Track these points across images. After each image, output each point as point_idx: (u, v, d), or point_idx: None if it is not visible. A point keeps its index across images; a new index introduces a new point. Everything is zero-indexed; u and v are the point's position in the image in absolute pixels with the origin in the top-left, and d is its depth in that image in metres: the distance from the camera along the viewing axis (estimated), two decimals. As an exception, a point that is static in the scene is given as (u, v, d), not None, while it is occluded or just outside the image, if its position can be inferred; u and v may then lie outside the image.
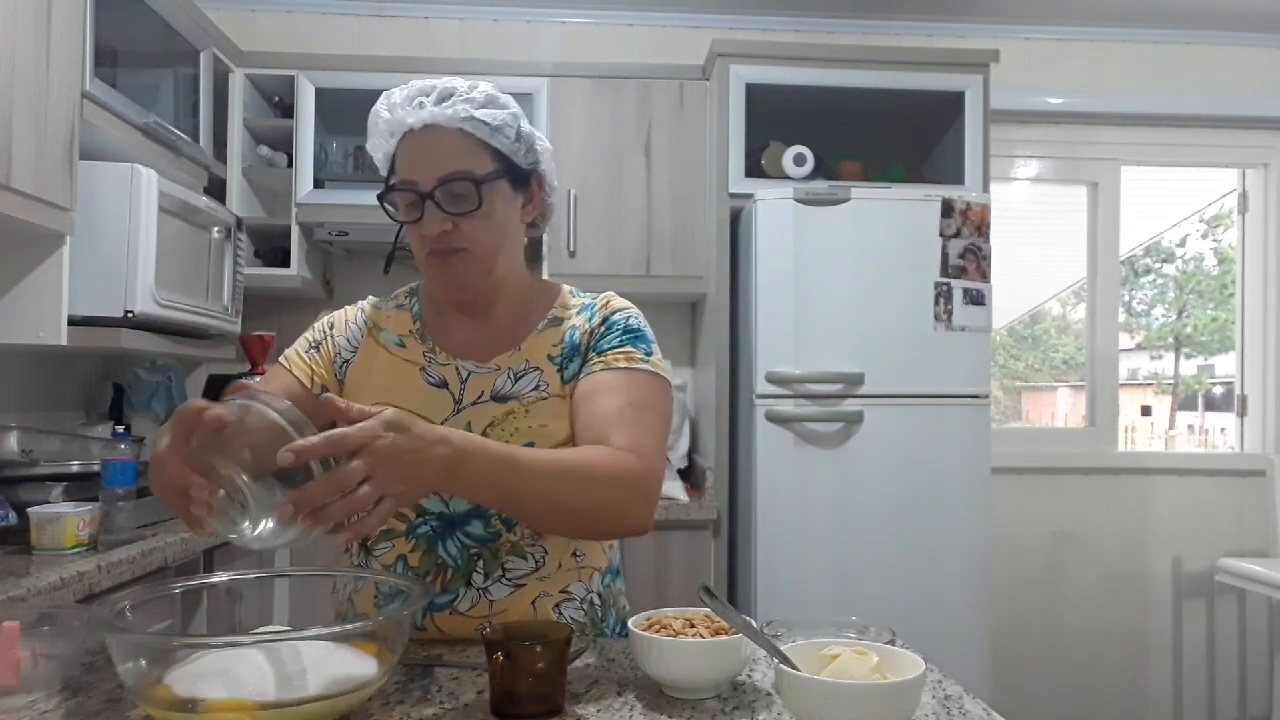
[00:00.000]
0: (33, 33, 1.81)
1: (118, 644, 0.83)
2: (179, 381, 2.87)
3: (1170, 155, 3.50)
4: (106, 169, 2.10)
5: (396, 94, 1.16)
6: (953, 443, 2.58)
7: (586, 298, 1.28)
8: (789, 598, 2.47)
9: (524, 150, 1.18)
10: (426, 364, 1.21)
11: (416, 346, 1.23)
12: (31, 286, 1.94)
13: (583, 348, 1.21)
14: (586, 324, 1.22)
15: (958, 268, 2.60)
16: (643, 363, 1.18)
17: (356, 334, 1.26)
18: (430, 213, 1.13)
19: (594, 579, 1.22)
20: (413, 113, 1.13)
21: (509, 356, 1.20)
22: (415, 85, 1.16)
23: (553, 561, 1.17)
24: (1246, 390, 3.54)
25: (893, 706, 0.81)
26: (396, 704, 0.92)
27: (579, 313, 1.24)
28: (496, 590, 1.15)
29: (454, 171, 1.12)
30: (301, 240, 2.87)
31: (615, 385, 1.15)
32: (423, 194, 1.13)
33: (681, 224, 2.90)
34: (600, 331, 1.21)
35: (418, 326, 1.25)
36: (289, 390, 1.21)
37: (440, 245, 1.14)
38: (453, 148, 1.13)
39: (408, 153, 1.15)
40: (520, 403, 1.17)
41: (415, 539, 1.16)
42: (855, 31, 3.32)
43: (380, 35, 3.21)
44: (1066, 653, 3.35)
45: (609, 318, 1.22)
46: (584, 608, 1.20)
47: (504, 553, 1.15)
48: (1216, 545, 3.37)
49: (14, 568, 1.59)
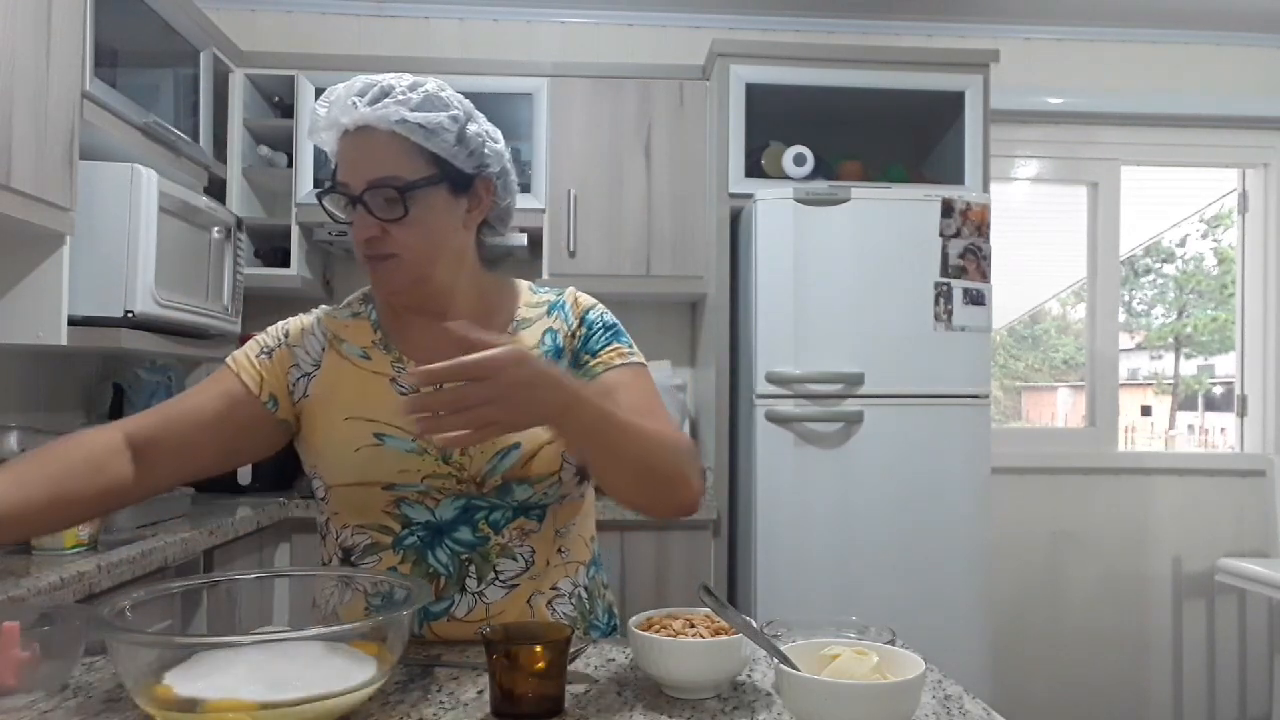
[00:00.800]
0: (33, 33, 1.81)
1: (118, 644, 0.83)
2: (179, 381, 2.87)
3: (1170, 155, 3.50)
4: (106, 169, 2.10)
5: (338, 90, 1.13)
6: (953, 443, 2.58)
7: (549, 294, 1.27)
8: (789, 598, 2.47)
9: (465, 153, 1.13)
10: (396, 374, 1.18)
11: (382, 357, 1.20)
12: (31, 286, 1.94)
13: (566, 350, 1.21)
14: (565, 325, 1.22)
15: (958, 268, 2.60)
16: (632, 356, 1.22)
17: (317, 347, 1.21)
18: (359, 217, 1.10)
19: (579, 573, 1.23)
20: (347, 111, 1.10)
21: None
22: (356, 82, 1.12)
23: (541, 560, 1.17)
24: (1246, 390, 3.54)
25: (893, 706, 0.81)
26: (396, 704, 0.92)
27: (549, 312, 1.24)
28: (491, 593, 1.14)
29: (380, 177, 1.09)
30: (301, 240, 2.87)
31: (622, 382, 1.18)
32: (353, 197, 1.10)
33: (681, 224, 2.90)
34: (582, 333, 1.22)
35: (379, 336, 1.21)
36: (229, 394, 1.17)
37: (371, 251, 1.12)
38: (383, 151, 1.09)
39: (342, 152, 1.12)
40: None
41: (403, 550, 1.15)
42: (855, 31, 3.32)
43: (380, 35, 3.21)
44: (1066, 653, 3.35)
45: (585, 317, 1.23)
46: (573, 602, 1.21)
47: (494, 555, 1.15)
48: (1216, 545, 3.37)
49: (14, 568, 1.59)
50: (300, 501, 2.60)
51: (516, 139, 2.88)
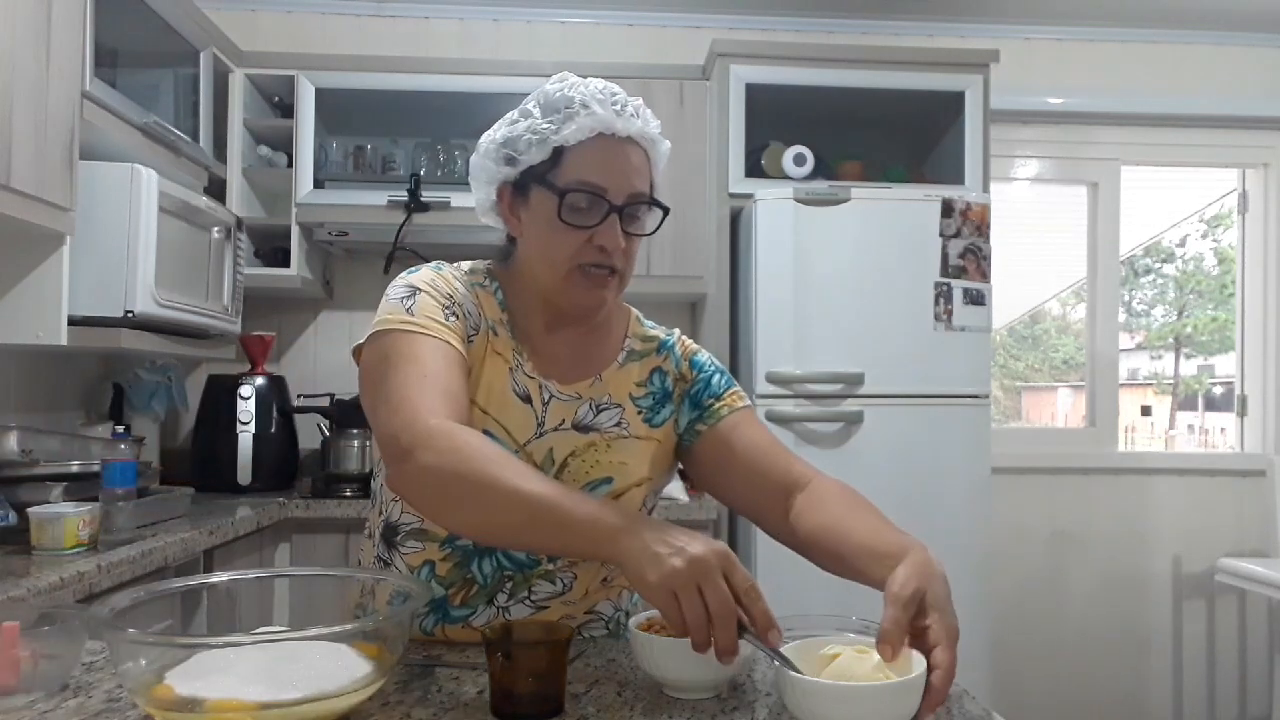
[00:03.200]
0: (33, 33, 1.81)
1: (118, 644, 0.83)
2: (179, 381, 2.87)
3: (1170, 155, 3.50)
4: (106, 169, 2.10)
5: (585, 87, 1.09)
6: (953, 443, 2.58)
7: (659, 331, 1.27)
8: (789, 598, 2.46)
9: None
10: (515, 367, 1.13)
11: (507, 340, 1.14)
12: (31, 286, 1.94)
13: (675, 395, 1.22)
14: (674, 369, 1.23)
15: (958, 268, 2.60)
16: (747, 400, 1.24)
17: (473, 310, 1.12)
18: (612, 226, 1.08)
19: (622, 596, 1.21)
20: (624, 120, 1.09)
21: (590, 385, 1.17)
22: (599, 84, 1.10)
23: (580, 587, 1.15)
24: (1246, 390, 3.54)
25: (896, 706, 0.81)
26: (396, 704, 0.92)
27: (658, 351, 1.24)
28: (516, 610, 1.12)
29: (643, 192, 1.11)
30: (301, 240, 2.87)
31: (746, 421, 1.21)
32: (613, 205, 1.08)
33: (681, 224, 2.90)
34: (695, 377, 1.22)
35: (506, 317, 1.15)
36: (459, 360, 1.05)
37: (602, 260, 1.09)
38: (641, 165, 1.11)
39: (601, 156, 1.08)
40: (601, 435, 1.15)
41: (451, 549, 1.12)
42: (855, 31, 3.32)
43: (380, 35, 3.21)
44: (1066, 653, 3.35)
45: (694, 360, 1.24)
46: (610, 627, 1.19)
47: (536, 577, 1.13)
48: (1216, 545, 3.37)
49: (14, 568, 1.59)
50: (300, 501, 2.60)
51: (516, 139, 2.87)
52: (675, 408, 1.21)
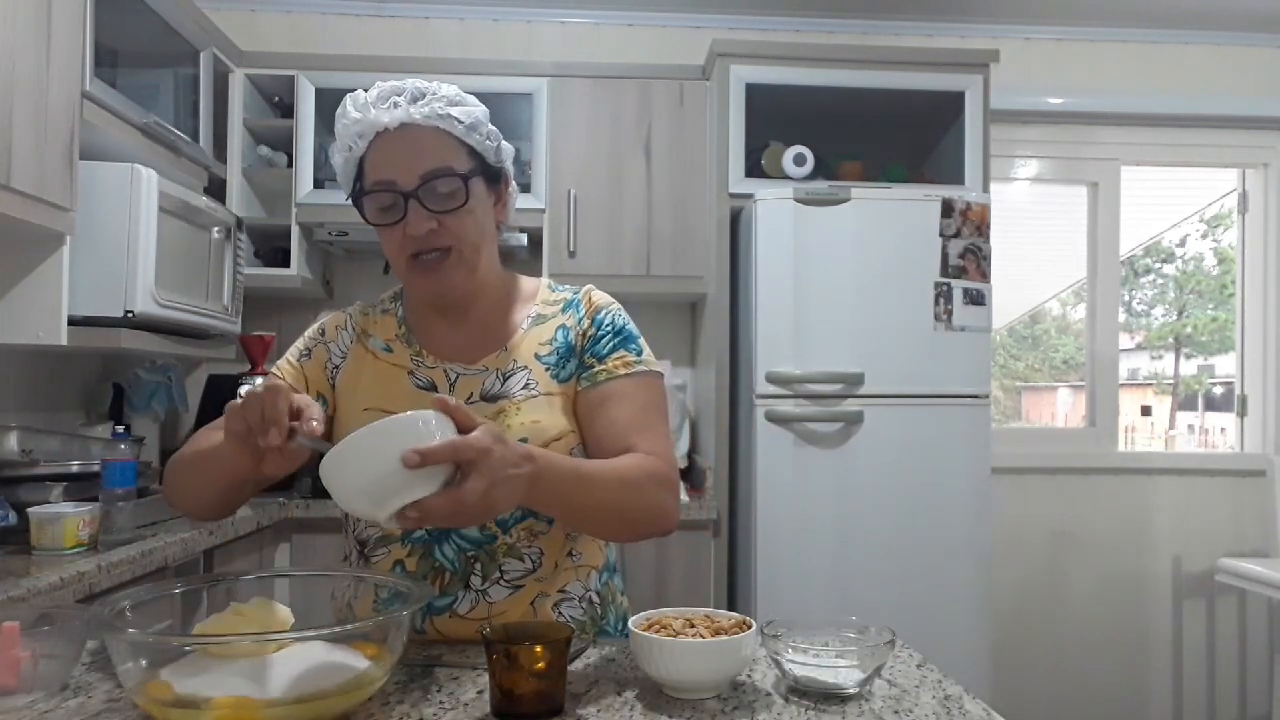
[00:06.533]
0: (33, 33, 1.81)
1: (118, 644, 0.83)
2: (179, 381, 2.87)
3: (1170, 155, 3.50)
4: (106, 169, 2.10)
5: (363, 95, 1.14)
6: (953, 443, 2.58)
7: (566, 291, 1.28)
8: (789, 598, 2.47)
9: (494, 149, 1.18)
10: (414, 367, 1.21)
11: (403, 350, 1.23)
12: (31, 286, 1.94)
13: (577, 349, 1.21)
14: (576, 323, 1.23)
15: (958, 268, 2.60)
16: (639, 364, 1.21)
17: (346, 340, 1.26)
18: (414, 212, 1.11)
19: (591, 577, 1.22)
20: (387, 112, 1.11)
21: (496, 357, 1.21)
22: (384, 86, 1.14)
23: (549, 562, 1.17)
24: (1246, 390, 3.54)
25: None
26: (396, 704, 0.92)
27: (564, 309, 1.25)
28: (495, 592, 1.15)
29: (437, 168, 1.11)
30: (301, 240, 2.87)
31: (623, 392, 1.19)
32: (404, 193, 1.11)
33: (681, 224, 2.90)
34: (592, 334, 1.22)
35: (403, 330, 1.25)
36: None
37: (425, 245, 1.13)
38: (432, 145, 1.12)
39: (383, 153, 1.13)
40: (511, 401, 1.17)
41: (411, 544, 1.16)
42: (855, 31, 3.32)
43: (380, 35, 3.22)
44: (1066, 653, 3.35)
45: (596, 317, 1.23)
46: (582, 606, 1.20)
47: (501, 554, 1.15)
48: (1216, 545, 3.37)
49: (14, 568, 1.59)
50: (300, 501, 2.60)
51: (516, 139, 2.88)
52: (579, 361, 1.22)
